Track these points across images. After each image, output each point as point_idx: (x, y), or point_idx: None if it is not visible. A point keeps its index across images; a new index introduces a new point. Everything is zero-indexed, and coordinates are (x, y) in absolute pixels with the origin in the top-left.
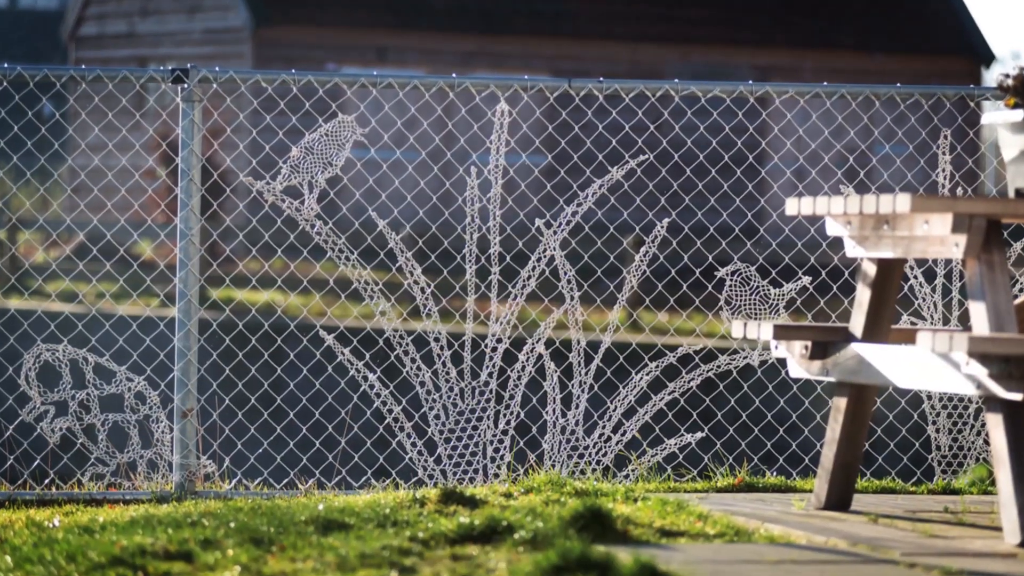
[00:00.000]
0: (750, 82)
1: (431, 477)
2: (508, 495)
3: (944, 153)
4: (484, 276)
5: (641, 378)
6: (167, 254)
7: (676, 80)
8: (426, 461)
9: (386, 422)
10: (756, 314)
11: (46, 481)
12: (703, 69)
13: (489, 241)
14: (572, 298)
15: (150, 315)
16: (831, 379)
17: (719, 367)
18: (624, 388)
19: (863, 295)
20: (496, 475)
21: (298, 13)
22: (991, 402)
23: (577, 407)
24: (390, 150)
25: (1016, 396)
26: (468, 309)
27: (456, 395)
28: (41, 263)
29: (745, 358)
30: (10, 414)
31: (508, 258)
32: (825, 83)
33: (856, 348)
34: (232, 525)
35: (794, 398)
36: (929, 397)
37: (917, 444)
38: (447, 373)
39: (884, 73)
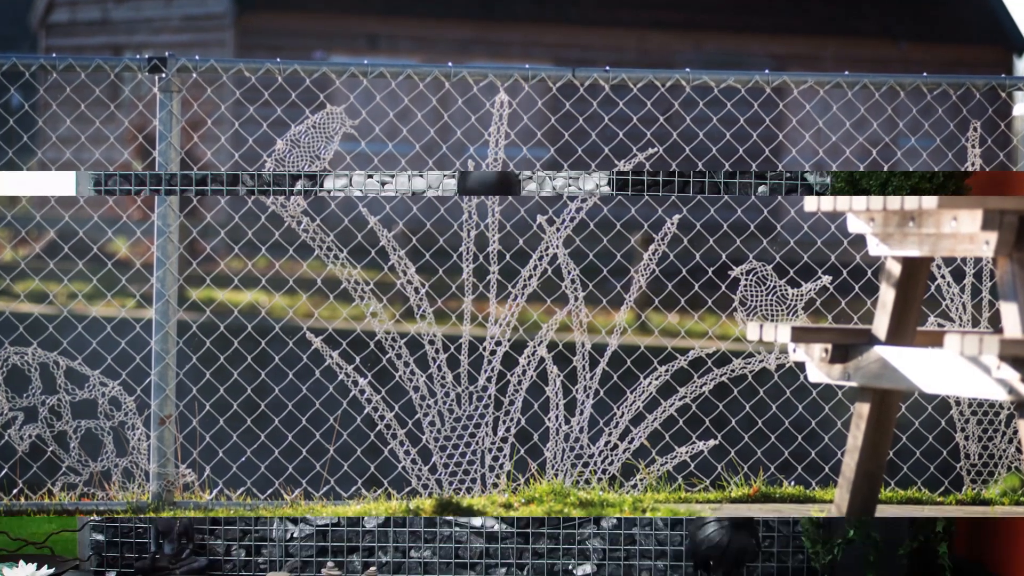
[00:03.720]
0: (766, 71)
1: (425, 487)
2: (508, 506)
3: (973, 146)
4: (482, 275)
5: (650, 383)
6: (144, 252)
7: (687, 69)
8: (420, 470)
9: (377, 429)
10: (773, 315)
11: (14, 491)
12: (716, 57)
13: (487, 239)
14: (576, 299)
15: (125, 316)
16: (853, 384)
17: (733, 371)
18: (632, 393)
19: (887, 295)
20: (495, 485)
21: None
22: (1023, 408)
23: (581, 413)
24: (382, 143)
25: None
26: (465, 310)
27: (452, 401)
28: (9, 261)
29: (761, 362)
30: None
31: (508, 256)
32: (847, 72)
33: (880, 351)
34: None
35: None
36: (957, 403)
37: (945, 452)
38: (443, 377)
39: (909, 62)
